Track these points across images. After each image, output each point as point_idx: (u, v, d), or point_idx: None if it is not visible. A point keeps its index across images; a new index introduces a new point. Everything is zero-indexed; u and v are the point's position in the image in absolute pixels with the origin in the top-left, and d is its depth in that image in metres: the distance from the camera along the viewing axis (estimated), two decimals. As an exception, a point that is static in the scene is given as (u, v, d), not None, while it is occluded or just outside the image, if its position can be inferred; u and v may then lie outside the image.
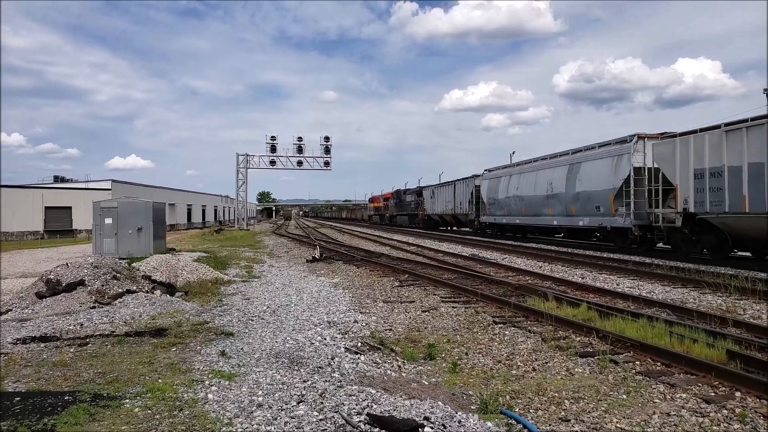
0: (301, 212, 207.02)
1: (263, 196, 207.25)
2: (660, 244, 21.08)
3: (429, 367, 6.88)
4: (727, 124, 15.92)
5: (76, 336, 7.91)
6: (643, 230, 20.43)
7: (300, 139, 60.50)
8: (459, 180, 42.58)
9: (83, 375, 5.98)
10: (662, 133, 20.17)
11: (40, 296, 10.68)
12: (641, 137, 20.90)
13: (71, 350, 7.13)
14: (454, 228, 46.52)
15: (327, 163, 61.75)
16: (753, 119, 15.10)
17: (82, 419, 4.57)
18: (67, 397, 5.11)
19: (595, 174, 23.16)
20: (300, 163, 61.32)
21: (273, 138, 60.02)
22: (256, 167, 62.33)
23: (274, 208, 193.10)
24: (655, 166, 19.59)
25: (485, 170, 37.04)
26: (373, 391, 5.44)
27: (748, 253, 17.83)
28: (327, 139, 61.49)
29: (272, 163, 61.12)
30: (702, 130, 16.89)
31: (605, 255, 20.16)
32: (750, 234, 15.87)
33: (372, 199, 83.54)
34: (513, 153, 50.22)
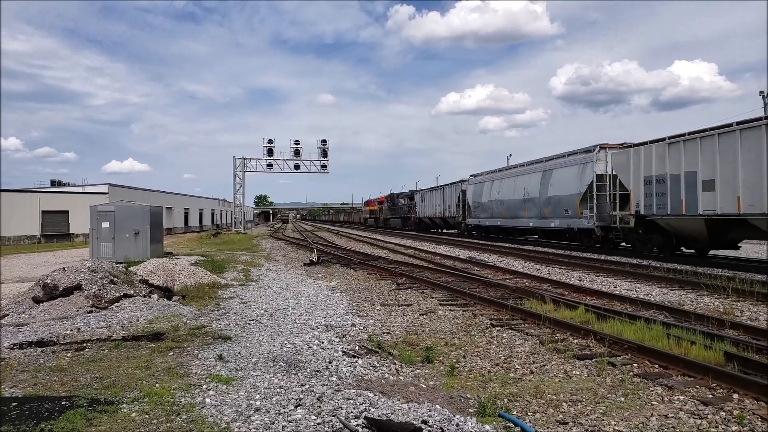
0: (298, 215, 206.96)
1: (260, 200, 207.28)
2: (623, 244, 22.93)
3: (427, 371, 6.88)
4: (670, 137, 18.01)
5: (73, 341, 7.89)
6: (605, 231, 22.30)
7: (297, 142, 60.63)
8: (447, 185, 44.94)
9: (80, 380, 5.96)
10: (621, 144, 21.92)
11: (37, 301, 10.65)
12: (603, 147, 22.80)
13: (68, 355, 7.11)
14: (444, 230, 48.35)
15: (324, 167, 61.83)
16: (690, 133, 17.23)
17: (79, 424, 4.56)
18: (64, 402, 5.09)
19: (564, 180, 25.19)
20: (297, 166, 61.39)
21: (270, 141, 60.07)
22: (253, 170, 62.39)
23: (271, 212, 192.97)
24: (614, 173, 21.54)
25: (471, 176, 39.00)
26: (371, 395, 5.44)
27: (692, 251, 19.54)
28: (324, 142, 61.59)
29: (269, 166, 61.15)
30: (651, 142, 18.94)
31: (602, 257, 20.21)
32: (688, 233, 18.10)
33: (367, 203, 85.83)
34: (510, 156, 50.64)
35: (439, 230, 49.52)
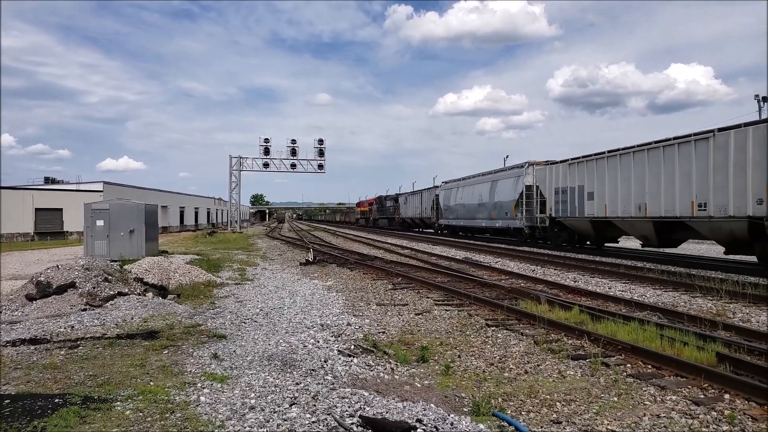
0: (294, 215, 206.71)
1: (256, 199, 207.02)
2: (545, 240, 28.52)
3: (422, 370, 6.89)
4: (571, 159, 24.35)
5: (67, 338, 7.88)
6: (531, 229, 28.70)
7: (294, 141, 60.62)
8: (424, 189, 51.81)
9: (74, 377, 5.95)
10: (546, 161, 27.87)
11: (30, 298, 10.62)
12: (531, 164, 28.85)
13: (62, 353, 7.10)
14: (422, 229, 54.20)
15: (321, 166, 61.82)
16: (582, 157, 23.50)
17: (73, 422, 4.56)
18: (57, 400, 5.09)
19: (505, 189, 31.71)
20: (293, 165, 61.38)
21: (266, 140, 60.03)
22: (249, 169, 62.36)
23: (267, 211, 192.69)
24: (537, 185, 27.56)
25: (443, 182, 45.37)
26: (366, 394, 5.45)
27: (590, 244, 25.56)
28: (321, 141, 61.57)
29: (266, 165, 61.10)
30: (560, 162, 25.43)
31: (597, 259, 20.29)
32: (582, 231, 24.57)
33: (359, 204, 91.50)
34: (507, 157, 51.26)
35: (419, 229, 55.02)
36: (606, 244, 25.31)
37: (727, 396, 5.59)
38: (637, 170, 19.84)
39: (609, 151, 21.68)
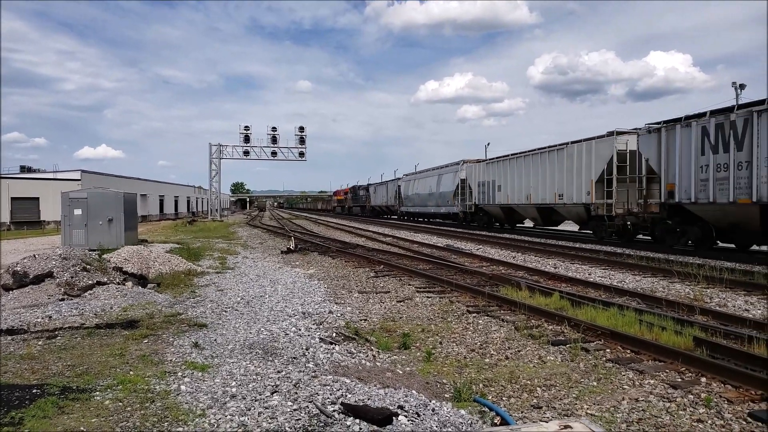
0: (275, 203, 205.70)
1: (237, 187, 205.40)
2: (473, 223, 35.95)
3: (403, 357, 6.91)
4: (489, 159, 32.67)
5: (45, 329, 7.77)
6: (465, 214, 36.27)
7: (274, 129, 60.22)
8: (389, 181, 59.04)
9: (52, 368, 5.88)
10: (477, 160, 35.05)
11: (7, 288, 10.45)
12: (465, 162, 36.25)
13: (39, 343, 7.00)
14: (389, 216, 60.01)
15: (302, 154, 61.50)
16: (496, 158, 31.43)
17: (51, 412, 4.50)
18: (35, 390, 5.02)
19: (447, 182, 39.31)
20: (274, 153, 60.98)
21: (247, 128, 59.55)
22: (229, 157, 61.86)
23: (248, 199, 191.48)
24: (467, 179, 35.33)
25: (404, 175, 52.40)
26: (348, 381, 5.45)
27: (503, 225, 33.19)
28: (302, 129, 61.23)
29: (246, 153, 60.66)
30: (481, 161, 33.75)
31: (577, 245, 20.48)
32: (495, 214, 32.82)
33: (335, 193, 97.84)
34: (488, 144, 53.00)
35: (386, 216, 61.26)
36: (518, 225, 33.04)
37: (703, 379, 5.68)
38: (526, 170, 27.19)
39: (511, 154, 29.15)
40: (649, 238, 20.43)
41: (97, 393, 4.99)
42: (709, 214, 16.50)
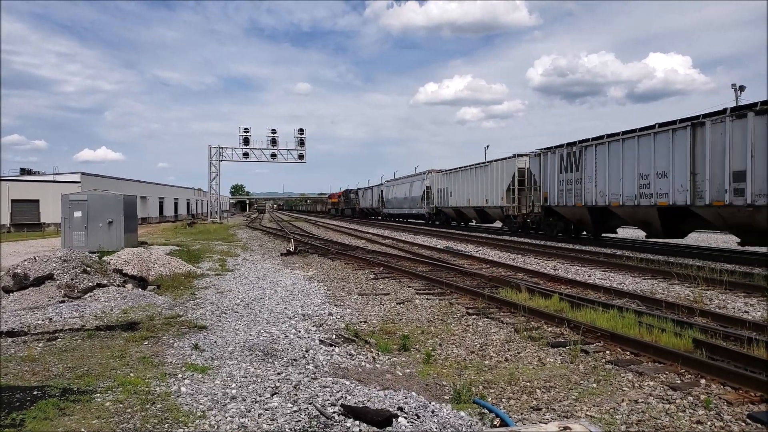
0: (275, 205, 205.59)
1: (236, 189, 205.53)
2: (436, 222, 44.27)
3: (403, 359, 6.92)
4: (445, 170, 41.11)
5: (45, 330, 7.78)
6: (429, 215, 45.00)
7: (273, 131, 60.21)
8: (374, 186, 67.59)
9: (52, 370, 5.89)
10: (439, 170, 42.91)
11: (7, 291, 10.46)
12: (430, 172, 44.80)
13: (40, 345, 7.01)
14: (374, 217, 66.63)
15: (301, 156, 61.51)
16: (449, 170, 40.16)
17: (52, 414, 4.51)
18: (36, 392, 5.03)
19: (416, 188, 47.90)
20: (274, 155, 60.98)
21: (246, 130, 59.55)
22: (229, 159, 61.85)
23: (247, 202, 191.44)
24: (431, 186, 44.07)
25: (386, 181, 60.64)
26: (348, 383, 5.46)
27: (457, 223, 41.36)
28: (301, 131, 61.22)
29: (245, 155, 60.66)
30: (440, 171, 42.30)
31: (577, 247, 20.49)
32: (450, 215, 40.51)
33: (330, 196, 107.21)
34: (488, 146, 54.35)
35: (372, 216, 67.98)
36: (471, 224, 40.53)
37: (703, 381, 5.70)
38: (467, 181, 35.60)
39: (459, 168, 37.62)
40: (540, 231, 27.51)
41: (98, 395, 5.00)
42: (567, 213, 23.84)
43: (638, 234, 26.26)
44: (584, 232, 24.52)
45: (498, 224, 36.75)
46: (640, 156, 18.45)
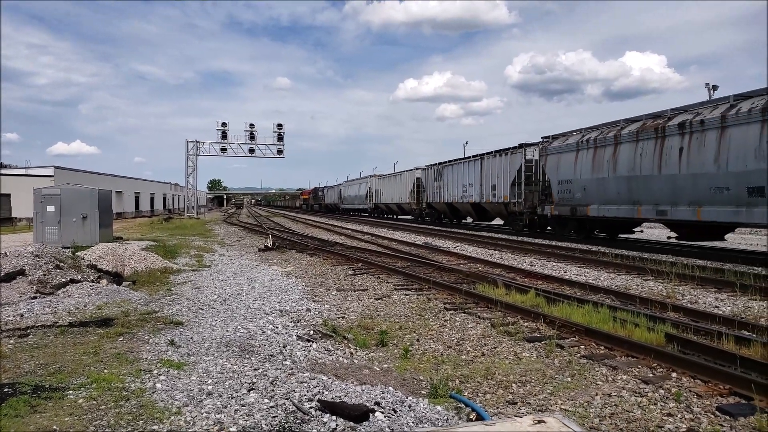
0: (253, 201, 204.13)
1: (214, 184, 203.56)
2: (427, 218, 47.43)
3: (381, 354, 6.94)
4: (379, 175, 56.37)
5: (16, 327, 7.64)
6: (371, 210, 56.81)
7: (252, 126, 59.80)
8: (335, 185, 78.59)
9: (24, 367, 5.79)
10: (378, 175, 54.82)
11: (-22, 286, 10.25)
12: (371, 176, 57.25)
13: (11, 342, 6.89)
14: (336, 212, 73.78)
15: (280, 151, 61.17)
16: (384, 173, 56.27)
17: (23, 411, 4.44)
18: (6, 390, 4.94)
19: (362, 189, 59.10)
20: (252, 150, 60.56)
21: (224, 125, 59.07)
22: (206, 154, 61.30)
23: (225, 197, 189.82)
24: (372, 186, 55.78)
25: (344, 181, 72.92)
26: (325, 378, 5.46)
27: (390, 215, 53.34)
28: (280, 126, 60.90)
29: (223, 150, 60.17)
30: (377, 176, 56.14)
31: (553, 243, 20.69)
32: (383, 209, 53.98)
33: (302, 193, 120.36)
34: (466, 143, 53.09)
35: (334, 212, 75.10)
36: (393, 216, 51.58)
37: (674, 374, 5.80)
38: (390, 184, 48.91)
39: (386, 174, 51.08)
40: (426, 218, 42.28)
41: (71, 391, 4.93)
42: (438, 207, 38.41)
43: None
44: (446, 219, 38.75)
45: (409, 217, 47.87)
46: (463, 175, 33.23)
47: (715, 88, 32.47)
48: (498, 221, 32.64)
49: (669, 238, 20.33)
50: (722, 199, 14.70)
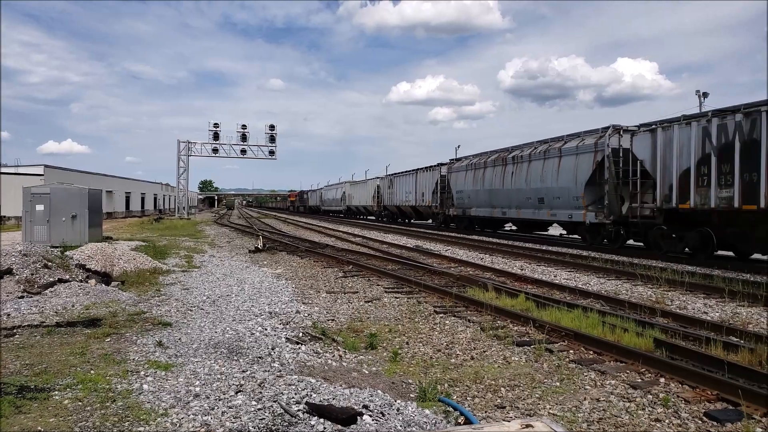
0: (244, 202, 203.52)
1: (205, 185, 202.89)
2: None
3: (370, 357, 6.92)
4: (351, 182, 66.12)
5: (2, 327, 7.56)
6: (345, 212, 64.99)
7: (244, 126, 59.60)
8: (317, 189, 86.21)
9: (9, 367, 5.73)
10: (351, 181, 64.01)
11: (-36, 285, 10.14)
12: (347, 182, 65.51)
13: (-3, 341, 6.81)
14: (319, 213, 79.78)
15: (272, 152, 60.99)
16: (355, 180, 66.77)
17: (8, 411, 4.39)
18: (-10, 390, 4.88)
19: (339, 192, 67.04)
20: (244, 151, 60.37)
21: (216, 125, 58.88)
22: (198, 155, 61.06)
23: (216, 198, 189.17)
24: (346, 191, 63.89)
25: (324, 185, 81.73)
26: (313, 381, 5.43)
27: (362, 216, 60.76)
28: (272, 127, 60.74)
29: (215, 150, 59.96)
30: (351, 182, 65.03)
31: (544, 248, 20.77)
32: (355, 211, 62.34)
33: (289, 195, 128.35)
34: (458, 147, 53.54)
35: (317, 212, 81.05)
36: (361, 217, 57.79)
37: (662, 380, 5.83)
38: (360, 189, 57.60)
39: (358, 180, 59.34)
40: (384, 218, 50.26)
41: (56, 392, 4.88)
42: (392, 209, 48.38)
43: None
44: (400, 219, 47.58)
45: (372, 217, 55.35)
46: (406, 184, 42.34)
47: (705, 95, 32.64)
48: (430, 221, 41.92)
49: (561, 235, 27.80)
50: (528, 204, 25.09)
